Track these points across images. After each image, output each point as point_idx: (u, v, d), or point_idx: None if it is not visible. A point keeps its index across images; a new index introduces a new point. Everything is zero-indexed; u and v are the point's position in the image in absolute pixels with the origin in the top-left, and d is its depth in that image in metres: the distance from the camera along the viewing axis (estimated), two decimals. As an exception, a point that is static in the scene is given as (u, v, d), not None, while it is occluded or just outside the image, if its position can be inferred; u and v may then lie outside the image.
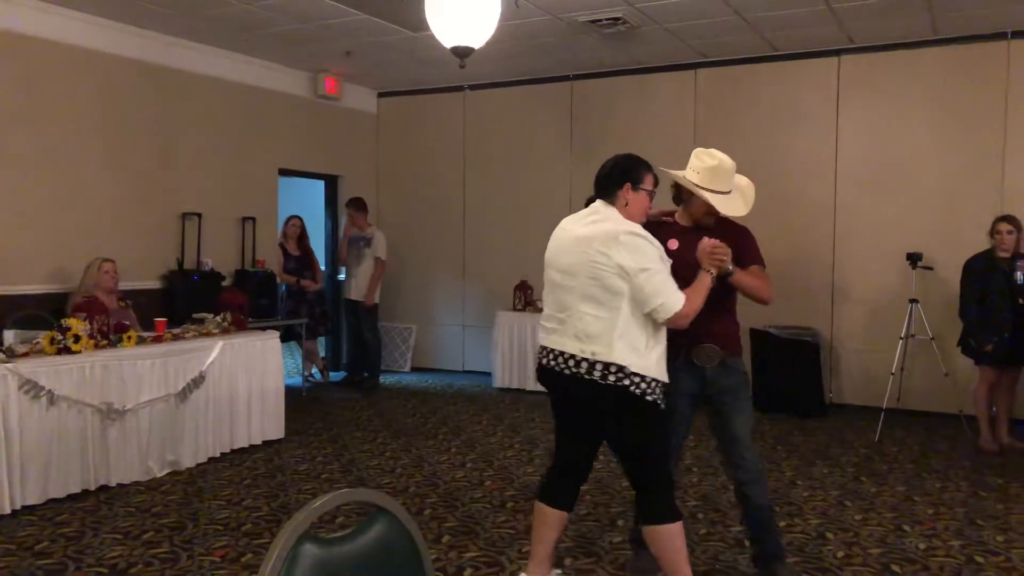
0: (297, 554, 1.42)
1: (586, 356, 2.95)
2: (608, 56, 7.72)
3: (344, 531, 1.53)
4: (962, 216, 6.73)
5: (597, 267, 2.94)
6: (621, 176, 3.13)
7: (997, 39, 6.74)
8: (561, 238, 3.17)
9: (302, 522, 1.45)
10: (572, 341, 3.00)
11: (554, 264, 3.14)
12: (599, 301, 2.95)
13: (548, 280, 3.18)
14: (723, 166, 3.34)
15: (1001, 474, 5.26)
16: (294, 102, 8.38)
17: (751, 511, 3.47)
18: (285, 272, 8.05)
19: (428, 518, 4.36)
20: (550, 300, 3.16)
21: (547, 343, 3.12)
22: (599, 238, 2.98)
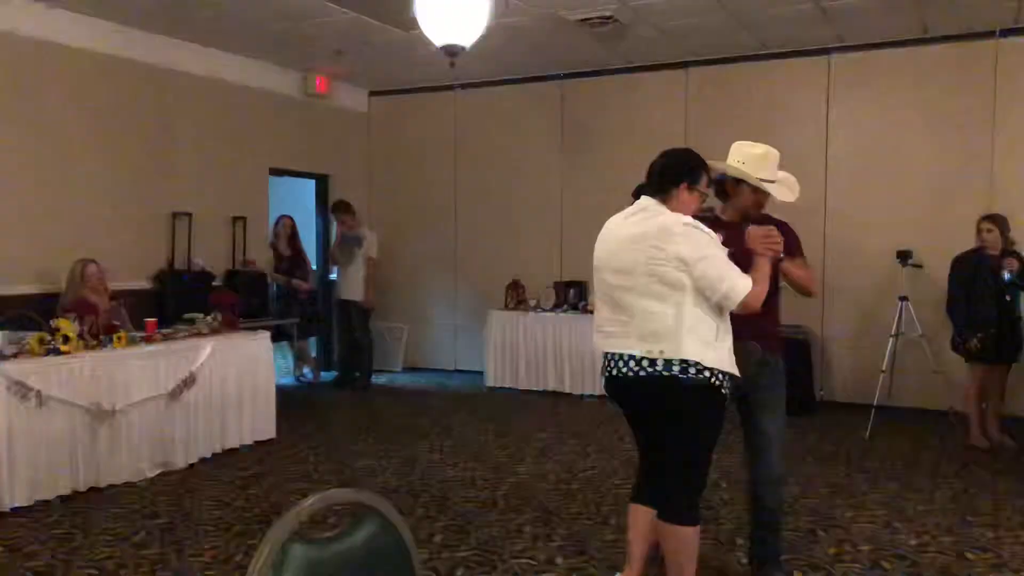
0: (286, 555, 1.41)
1: (654, 356, 2.88)
2: (599, 55, 7.72)
3: (333, 531, 1.52)
4: (952, 214, 6.76)
5: (654, 263, 2.87)
6: (681, 175, 3.03)
7: (986, 38, 6.76)
8: (610, 239, 3.09)
9: (291, 522, 1.45)
10: (637, 342, 2.92)
11: (608, 266, 3.04)
12: (661, 298, 2.88)
13: (602, 283, 3.08)
14: (770, 154, 3.35)
15: (992, 471, 5.28)
16: (285, 101, 8.35)
17: (761, 513, 3.47)
18: (276, 272, 8.03)
19: (420, 518, 4.35)
20: (607, 304, 3.06)
21: (609, 348, 3.03)
22: (652, 233, 2.91)
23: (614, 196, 8.08)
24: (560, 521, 4.30)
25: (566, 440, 6.09)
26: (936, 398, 6.56)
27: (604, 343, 3.06)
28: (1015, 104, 6.69)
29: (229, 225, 7.72)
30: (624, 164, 8.13)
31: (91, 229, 6.43)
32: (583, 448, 5.84)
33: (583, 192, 8.33)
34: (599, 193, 8.25)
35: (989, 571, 3.65)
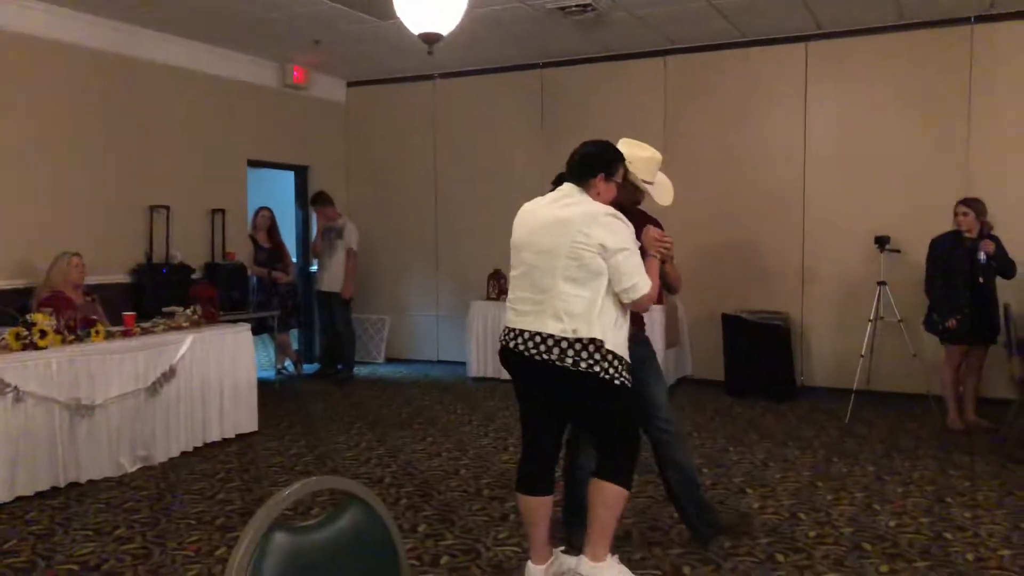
0: (268, 543, 1.41)
1: (566, 335, 3.00)
2: (577, 43, 7.71)
3: (315, 519, 1.52)
4: (929, 199, 6.82)
5: (578, 247, 3.00)
6: (598, 166, 3.18)
7: (961, 23, 6.82)
8: (531, 220, 3.21)
9: (272, 511, 1.44)
10: (552, 321, 3.03)
11: (528, 246, 3.15)
12: (580, 281, 3.02)
13: (521, 262, 3.19)
14: (655, 158, 3.50)
15: (968, 452, 5.35)
16: (262, 92, 8.28)
17: (677, 472, 3.64)
18: (256, 264, 7.97)
19: (404, 508, 4.35)
20: (523, 283, 3.16)
21: (520, 325, 3.13)
22: (578, 219, 3.03)
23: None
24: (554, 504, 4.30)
25: (549, 428, 6.09)
26: (914, 382, 6.63)
27: (517, 320, 3.16)
28: (989, 89, 6.76)
29: (208, 218, 7.66)
30: (604, 153, 8.16)
31: (67, 223, 6.36)
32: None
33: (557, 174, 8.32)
34: (579, 182, 8.25)
35: (966, 550, 3.70)
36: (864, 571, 3.49)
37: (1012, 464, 5.05)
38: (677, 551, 3.72)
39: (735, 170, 7.57)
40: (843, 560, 3.60)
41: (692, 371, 7.88)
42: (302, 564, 1.44)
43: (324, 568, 1.49)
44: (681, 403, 6.97)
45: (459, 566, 3.57)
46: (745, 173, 7.56)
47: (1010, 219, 6.34)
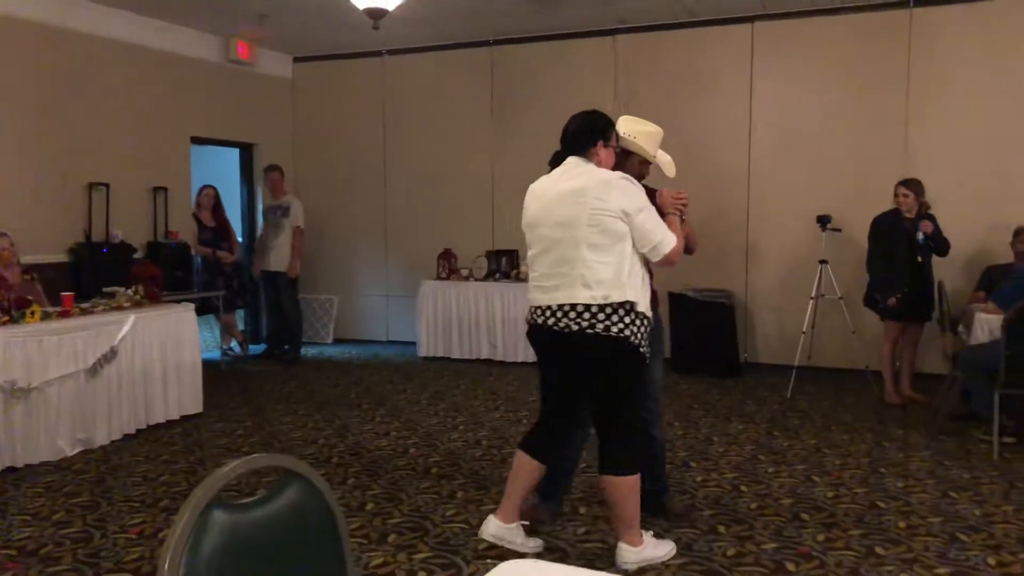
0: (206, 520, 1.40)
1: (598, 301, 3.06)
2: (529, 21, 7.69)
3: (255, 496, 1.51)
4: (869, 179, 6.98)
5: (597, 214, 3.05)
6: (595, 134, 3.26)
7: (900, 7, 6.97)
8: (544, 196, 3.25)
9: (211, 488, 1.43)
10: (582, 290, 3.08)
11: (545, 222, 3.19)
12: (604, 247, 3.07)
13: (539, 239, 3.23)
14: (658, 132, 3.58)
15: (903, 425, 5.53)
16: (205, 67, 8.09)
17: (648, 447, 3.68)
18: (200, 243, 7.83)
19: (352, 487, 4.34)
20: (545, 259, 3.21)
21: (548, 301, 3.17)
22: (593, 187, 3.09)
23: (545, 163, 8.14)
24: (492, 486, 4.34)
25: (499, 407, 6.13)
26: (854, 358, 6.81)
27: (545, 297, 3.19)
28: (927, 71, 6.92)
29: (149, 196, 7.49)
30: (555, 131, 8.12)
31: (2, 201, 6.15)
32: (515, 415, 5.90)
33: (515, 159, 8.33)
34: (531, 160, 8.22)
35: (899, 518, 3.84)
36: (802, 540, 3.60)
37: (943, 436, 5.23)
38: (622, 524, 3.78)
39: (683, 149, 7.55)
40: (782, 530, 3.71)
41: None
42: (241, 541, 1.44)
43: (264, 545, 1.49)
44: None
45: (407, 543, 3.59)
46: (692, 152, 7.62)
47: (946, 198, 6.52)
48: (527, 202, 3.34)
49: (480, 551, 3.49)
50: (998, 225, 6.42)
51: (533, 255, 3.28)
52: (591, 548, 3.54)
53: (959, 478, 4.42)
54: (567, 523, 3.81)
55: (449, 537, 3.66)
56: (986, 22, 6.74)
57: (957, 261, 6.56)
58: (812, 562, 3.37)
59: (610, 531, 3.64)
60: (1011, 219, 6.24)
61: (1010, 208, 6.51)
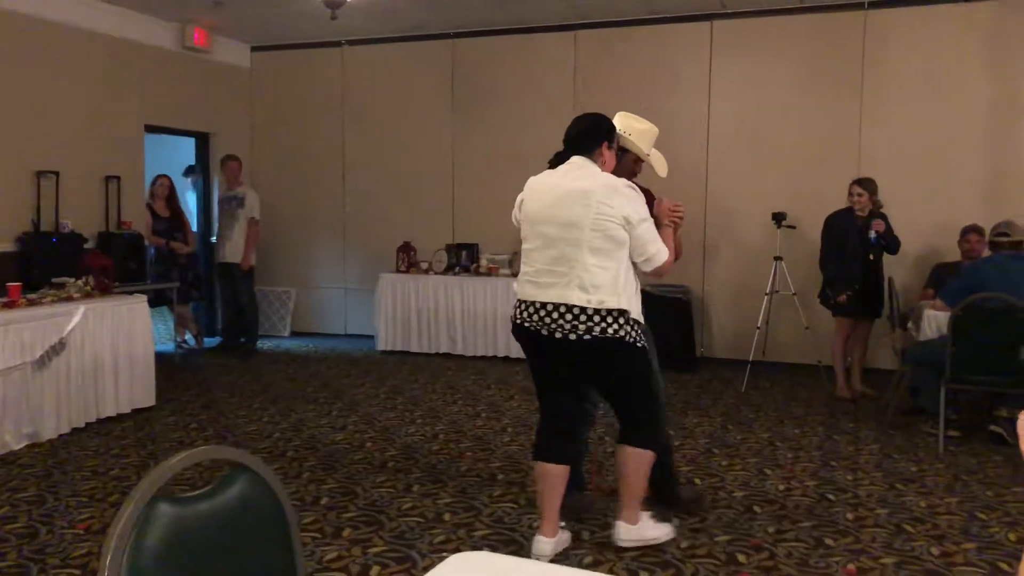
0: (151, 513, 1.38)
1: (593, 305, 3.08)
2: (490, 14, 7.67)
3: (202, 489, 1.49)
4: (823, 177, 7.10)
5: (602, 219, 3.07)
6: (601, 135, 3.30)
7: (855, 8, 7.09)
8: (548, 193, 3.22)
9: (156, 481, 1.41)
10: (577, 292, 3.09)
11: (549, 219, 3.17)
12: (604, 252, 3.10)
13: (539, 235, 3.21)
14: (652, 131, 3.64)
15: (854, 419, 5.64)
16: (160, 54, 7.93)
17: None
18: (154, 234, 7.69)
19: (307, 481, 4.31)
20: (543, 255, 3.19)
21: (541, 297, 3.17)
22: (599, 191, 3.10)
23: (506, 157, 8.17)
24: (449, 479, 4.34)
25: (456, 401, 6.13)
26: (806, 353, 6.93)
27: (537, 292, 3.19)
28: (881, 72, 7.06)
29: (101, 185, 7.33)
30: (515, 125, 8.18)
31: (-56, 187, 5.98)
32: (473, 408, 5.90)
33: (475, 153, 8.33)
34: (491, 154, 8.26)
35: (847, 510, 3.92)
36: (753, 532, 3.65)
37: (892, 430, 5.35)
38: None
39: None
40: (735, 522, 3.76)
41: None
42: (187, 534, 1.42)
43: (211, 538, 1.47)
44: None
45: (361, 537, 3.57)
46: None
47: (897, 197, 6.66)
48: (527, 196, 3.31)
49: (435, 544, 3.49)
50: (947, 224, 6.58)
51: (530, 249, 3.25)
52: (546, 541, 3.55)
53: (906, 471, 4.53)
54: (522, 516, 3.82)
55: (404, 531, 3.65)
56: (935, 26, 6.90)
57: (907, 259, 6.71)
58: (763, 553, 3.43)
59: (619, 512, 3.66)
60: (959, 218, 6.39)
61: (958, 208, 6.68)
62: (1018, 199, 6.67)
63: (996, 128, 6.82)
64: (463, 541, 3.53)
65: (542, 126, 8.07)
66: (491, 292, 7.72)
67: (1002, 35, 6.76)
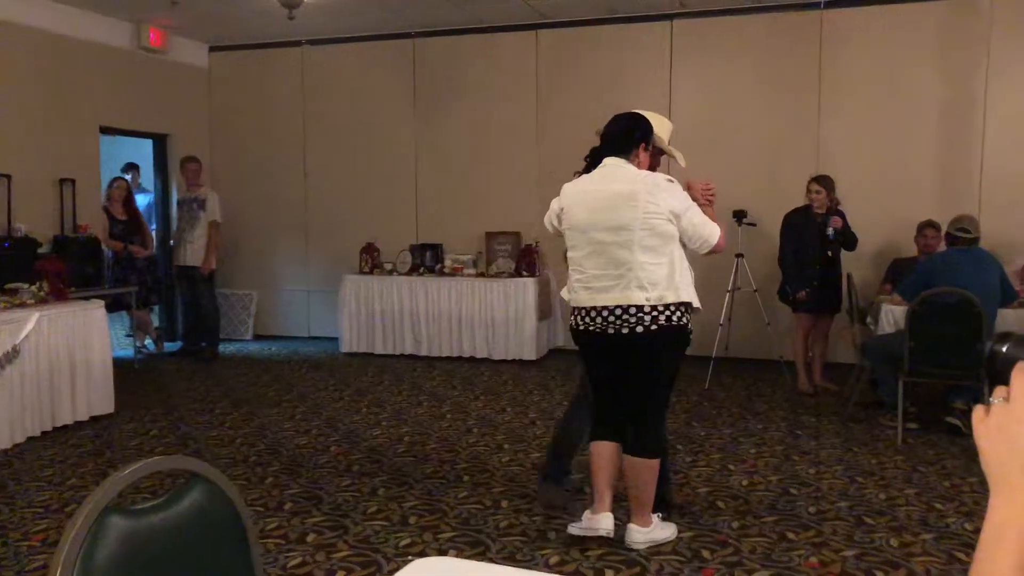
0: (102, 526, 1.34)
1: (652, 302, 3.19)
2: (451, 14, 7.64)
3: (155, 500, 1.46)
4: (783, 175, 7.18)
5: (651, 217, 3.18)
6: (639, 136, 3.39)
7: (812, 8, 7.19)
8: (589, 200, 3.29)
9: (107, 493, 1.38)
10: (637, 292, 3.19)
11: (595, 225, 3.26)
12: (656, 249, 3.21)
13: (589, 241, 3.28)
14: (670, 126, 3.82)
15: (815, 413, 5.72)
16: (115, 55, 7.79)
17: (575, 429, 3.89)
18: (111, 238, 7.54)
19: (270, 486, 4.26)
20: (594, 260, 3.27)
21: (600, 302, 3.25)
22: (643, 190, 3.21)
23: (469, 156, 8.16)
24: (414, 481, 4.32)
25: (421, 403, 6.10)
26: (768, 349, 7.01)
27: (595, 297, 3.27)
28: (837, 71, 7.16)
29: (56, 188, 7.17)
30: (478, 124, 8.17)
31: None
32: (438, 410, 5.88)
33: (438, 152, 8.29)
34: (454, 153, 8.24)
35: (809, 504, 3.97)
36: (718, 528, 3.68)
37: (852, 423, 5.44)
38: (542, 516, 3.81)
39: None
40: (699, 518, 3.79)
41: (563, 342, 8.04)
42: (140, 548, 1.39)
43: (166, 551, 1.44)
44: (553, 372, 7.12)
45: (326, 543, 3.54)
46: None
47: (855, 194, 6.77)
48: (569, 204, 3.35)
49: (401, 547, 3.47)
50: (903, 220, 6.69)
51: (580, 256, 3.32)
52: (512, 542, 3.55)
53: (866, 463, 4.60)
54: (489, 516, 3.81)
55: (370, 535, 3.62)
56: (888, 25, 7.01)
57: (865, 255, 6.82)
58: (727, 549, 3.46)
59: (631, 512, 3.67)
60: (915, 214, 6.50)
61: (914, 204, 6.79)
62: (971, 194, 6.83)
63: (950, 125, 6.96)
64: (429, 544, 3.51)
65: (505, 125, 8.08)
66: (456, 292, 7.70)
67: (953, 34, 6.89)
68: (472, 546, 3.49)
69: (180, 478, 3.33)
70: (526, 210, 8.03)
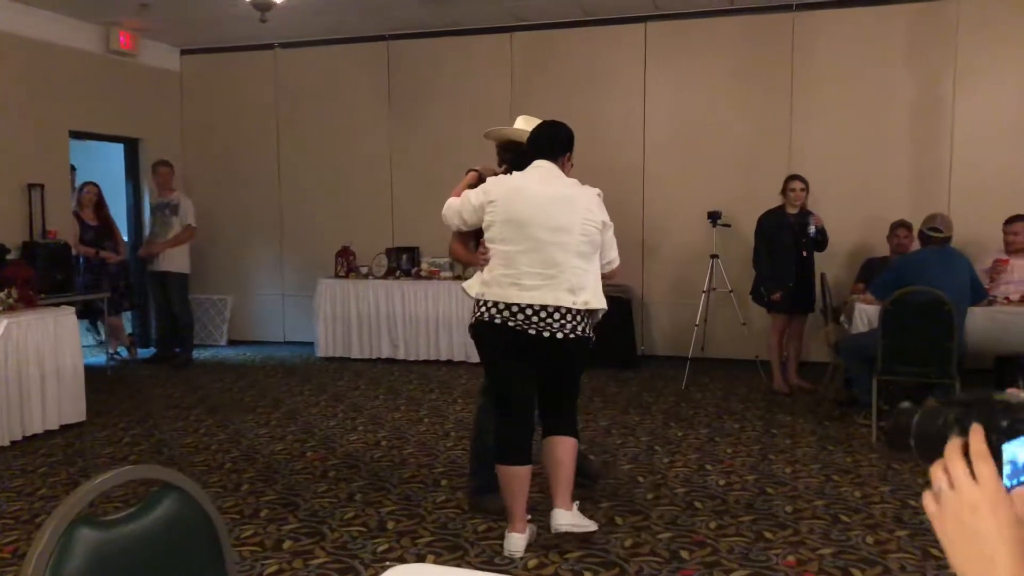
0: (70, 539, 1.32)
1: (579, 306, 3.30)
2: (425, 17, 7.63)
3: (126, 511, 1.43)
4: (756, 175, 7.24)
5: (588, 225, 3.32)
6: (567, 146, 3.50)
7: (783, 10, 7.25)
8: (534, 197, 3.34)
9: (75, 505, 1.35)
10: (565, 294, 3.27)
11: (538, 223, 3.29)
12: (587, 256, 3.34)
13: (526, 237, 3.30)
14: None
15: (790, 412, 5.76)
16: (85, 58, 7.69)
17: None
18: (82, 243, 7.44)
19: (245, 493, 4.21)
20: (528, 258, 3.30)
21: (527, 300, 3.28)
22: (583, 198, 3.35)
23: (444, 159, 8.12)
24: (392, 487, 4.29)
25: (399, 407, 6.07)
26: (744, 348, 7.05)
27: (522, 295, 3.29)
28: (809, 73, 7.23)
29: (24, 193, 7.06)
30: (453, 126, 8.15)
31: None
32: (416, 414, 5.85)
33: (413, 155, 8.27)
34: (429, 156, 8.21)
35: (786, 503, 3.99)
36: (695, 528, 3.69)
37: (827, 421, 5.48)
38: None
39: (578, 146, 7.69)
40: (677, 519, 3.80)
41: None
42: (110, 559, 1.36)
43: (136, 563, 1.41)
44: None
45: (303, 550, 3.50)
46: (588, 149, 7.68)
47: (827, 194, 6.84)
48: (505, 198, 3.35)
49: (378, 553, 3.45)
50: (875, 219, 6.77)
51: (513, 251, 3.31)
52: (491, 546, 3.53)
53: (841, 462, 4.64)
54: (467, 521, 3.80)
55: (347, 541, 3.59)
56: (859, 27, 7.09)
57: (838, 254, 6.89)
58: (705, 549, 3.47)
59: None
60: (887, 214, 6.58)
61: (886, 204, 6.88)
62: (940, 194, 6.92)
63: (919, 126, 7.04)
64: (407, 549, 3.49)
65: (480, 128, 7.99)
66: (433, 296, 7.67)
67: (922, 37, 6.98)
68: (450, 551, 3.48)
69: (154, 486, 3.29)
70: (502, 212, 8.04)
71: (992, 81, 6.85)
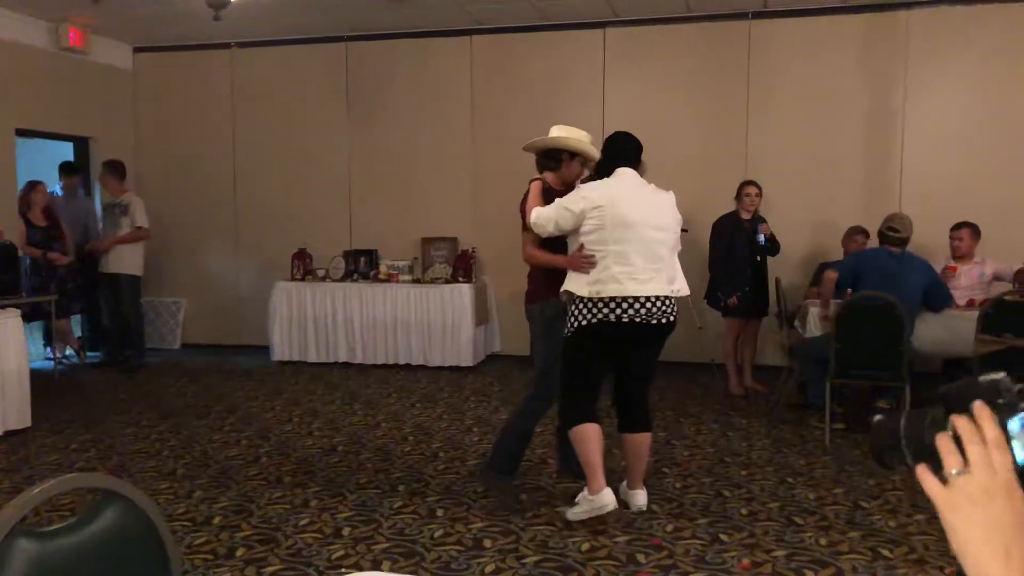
0: (9, 551, 1.27)
1: (675, 294, 3.77)
2: (385, 17, 7.58)
3: (66, 522, 1.39)
4: (713, 181, 7.30)
5: (678, 224, 3.87)
6: (641, 154, 3.98)
7: (740, 18, 7.34)
8: (638, 200, 3.76)
9: (14, 515, 1.30)
10: (667, 285, 3.74)
11: (644, 223, 3.70)
12: (674, 250, 3.86)
13: (634, 237, 3.67)
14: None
15: (746, 415, 5.83)
16: (32, 54, 7.49)
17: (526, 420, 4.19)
18: (30, 244, 7.24)
19: (198, 500, 4.13)
20: (638, 255, 3.67)
21: (643, 292, 3.66)
22: (670, 201, 3.89)
23: (403, 161, 8.09)
24: (348, 492, 4.24)
25: (356, 411, 6.01)
26: (700, 352, 7.11)
27: (639, 287, 3.67)
28: (765, 80, 7.33)
29: (-33, 192, 6.86)
30: (412, 129, 8.11)
31: None
32: (373, 418, 5.80)
33: (372, 157, 8.21)
34: (388, 158, 8.16)
35: (741, 505, 4.03)
36: (652, 531, 3.71)
37: (782, 424, 5.55)
38: (478, 525, 3.78)
39: (539, 151, 7.74)
40: (634, 522, 3.81)
41: (500, 347, 8.04)
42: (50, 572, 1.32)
43: (78, 574, 1.37)
44: (490, 378, 7.10)
45: (256, 557, 3.44)
46: (548, 154, 7.75)
47: (782, 201, 6.93)
48: (611, 202, 3.68)
49: (333, 560, 3.40)
50: (829, 225, 6.88)
51: (630, 250, 3.66)
52: (448, 551, 3.51)
53: (795, 464, 4.70)
54: (423, 526, 3.77)
55: (301, 548, 3.54)
56: (813, 36, 7.21)
57: (792, 259, 6.99)
58: (662, 552, 3.48)
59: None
60: (839, 220, 6.70)
61: (838, 210, 7.00)
62: (891, 201, 7.05)
63: (871, 134, 7.18)
64: (363, 556, 3.45)
65: (439, 130, 8.04)
66: (391, 299, 7.62)
67: (873, 47, 7.12)
68: (407, 556, 3.44)
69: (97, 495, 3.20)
70: (462, 215, 8.02)
71: (941, 90, 7.01)
